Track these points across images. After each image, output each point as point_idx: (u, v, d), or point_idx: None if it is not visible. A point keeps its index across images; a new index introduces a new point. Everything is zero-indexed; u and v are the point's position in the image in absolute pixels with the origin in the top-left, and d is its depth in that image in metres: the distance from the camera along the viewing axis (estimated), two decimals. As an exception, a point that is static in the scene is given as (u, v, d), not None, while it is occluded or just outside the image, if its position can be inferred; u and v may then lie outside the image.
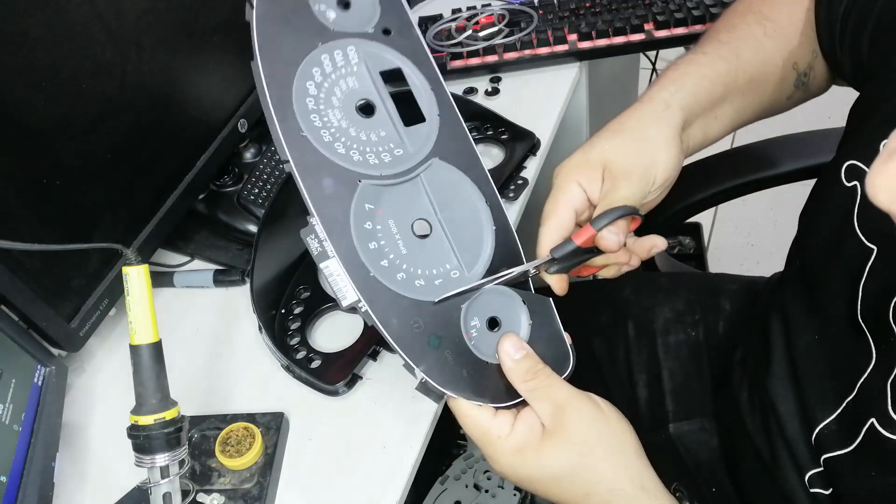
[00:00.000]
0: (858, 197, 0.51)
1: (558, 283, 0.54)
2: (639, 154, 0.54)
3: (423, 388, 0.47)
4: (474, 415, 0.47)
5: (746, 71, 0.59)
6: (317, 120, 0.47)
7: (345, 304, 0.46)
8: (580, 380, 0.49)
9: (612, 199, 0.52)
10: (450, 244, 0.50)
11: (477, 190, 0.52)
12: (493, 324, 0.50)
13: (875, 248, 0.49)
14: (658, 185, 0.55)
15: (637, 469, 0.47)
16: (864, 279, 0.50)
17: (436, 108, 0.52)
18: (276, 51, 0.47)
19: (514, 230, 0.54)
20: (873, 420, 0.48)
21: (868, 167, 0.48)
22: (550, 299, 0.53)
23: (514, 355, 0.48)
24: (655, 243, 0.57)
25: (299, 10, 0.48)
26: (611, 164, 0.54)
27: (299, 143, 0.46)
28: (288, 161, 0.46)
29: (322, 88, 0.48)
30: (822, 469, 0.54)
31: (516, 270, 0.51)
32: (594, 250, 0.52)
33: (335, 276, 0.46)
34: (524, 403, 0.48)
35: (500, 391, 0.48)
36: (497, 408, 0.48)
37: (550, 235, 0.53)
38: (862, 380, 0.50)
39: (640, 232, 0.57)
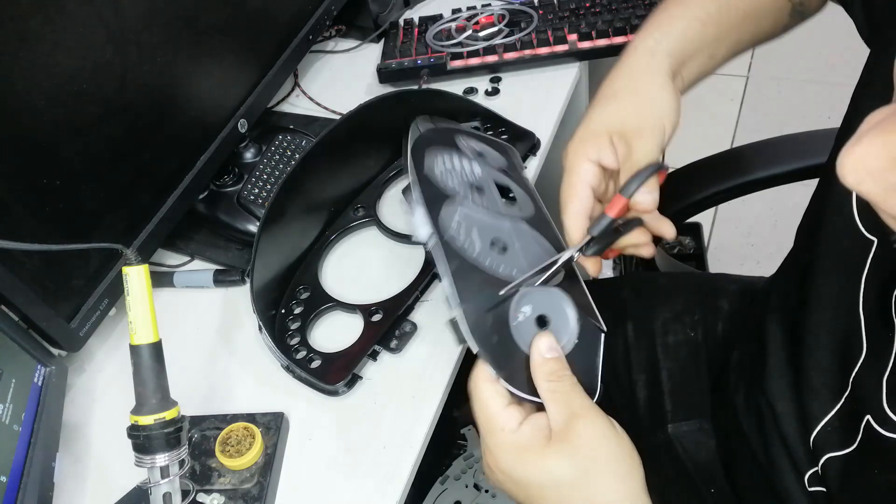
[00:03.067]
0: (843, 181, 0.50)
1: (594, 265, 0.54)
2: (640, 110, 0.54)
3: (453, 325, 0.48)
4: (487, 396, 0.46)
5: (739, 8, 0.59)
6: None
7: (419, 232, 0.52)
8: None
9: (634, 161, 0.52)
10: (526, 263, 0.54)
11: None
12: (541, 322, 0.50)
13: (875, 239, 0.49)
14: (670, 134, 0.54)
15: (637, 499, 0.45)
16: (865, 271, 0.49)
17: None
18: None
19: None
20: (869, 417, 0.47)
21: None
22: (603, 334, 0.52)
23: (546, 353, 0.47)
24: (664, 231, 0.57)
25: None
26: (617, 129, 0.53)
27: None
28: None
29: None
30: (821, 469, 0.54)
31: (562, 258, 0.52)
32: (624, 227, 0.52)
33: (418, 214, 0.54)
34: (538, 407, 0.47)
35: (522, 380, 0.48)
36: (512, 392, 0.47)
37: (576, 219, 0.52)
38: (853, 374, 0.50)
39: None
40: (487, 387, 0.46)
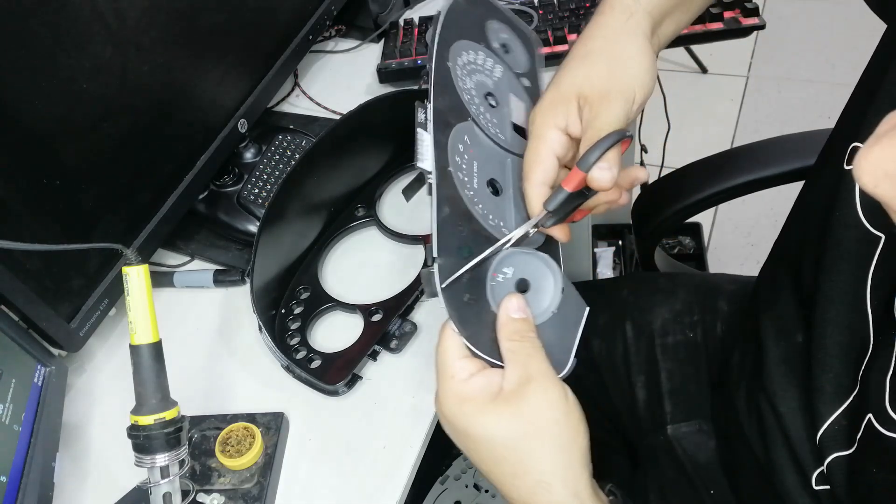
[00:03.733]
0: (858, 183, 0.49)
1: (561, 232, 0.52)
2: (612, 73, 0.51)
3: (427, 276, 0.47)
4: (448, 344, 0.46)
5: None
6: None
7: (420, 164, 0.50)
8: (578, 381, 0.49)
9: (595, 128, 0.49)
10: (514, 212, 0.53)
11: None
12: (522, 286, 0.50)
13: (882, 236, 0.48)
14: (640, 101, 0.52)
15: (576, 473, 0.45)
16: (872, 268, 0.48)
17: None
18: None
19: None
20: (870, 416, 0.47)
21: None
22: (588, 309, 0.51)
23: (513, 313, 0.47)
24: (636, 175, 0.54)
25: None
26: (585, 92, 0.51)
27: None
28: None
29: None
30: (827, 469, 0.53)
31: (516, 233, 0.50)
32: (585, 192, 0.50)
33: (425, 143, 0.51)
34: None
35: (486, 341, 0.47)
36: (473, 352, 0.46)
37: (537, 189, 0.51)
38: (860, 373, 0.49)
39: (643, 222, 0.56)
40: (452, 335, 0.46)
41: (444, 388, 0.46)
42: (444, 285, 0.46)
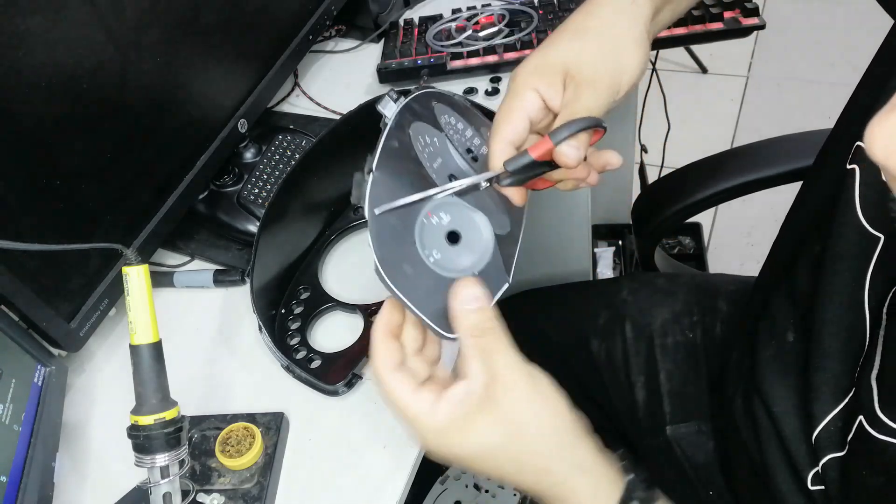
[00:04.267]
0: (857, 181, 0.49)
1: (516, 195, 0.51)
2: (604, 58, 0.50)
3: (358, 181, 0.47)
4: (393, 386, 0.44)
5: None
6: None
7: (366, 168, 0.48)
8: (578, 382, 0.49)
9: (573, 110, 0.48)
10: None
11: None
12: (453, 238, 0.49)
13: (882, 236, 0.47)
14: (624, 94, 0.50)
15: (571, 449, 0.45)
16: (870, 269, 0.48)
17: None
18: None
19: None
20: (861, 418, 0.47)
21: None
22: (508, 284, 0.50)
23: (467, 305, 0.45)
24: (609, 160, 0.53)
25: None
26: (573, 70, 0.50)
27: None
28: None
29: None
30: (822, 469, 0.54)
31: (467, 182, 0.49)
32: (552, 163, 0.48)
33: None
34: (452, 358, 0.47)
35: (416, 289, 0.46)
36: (435, 331, 0.46)
37: (502, 146, 0.49)
38: (856, 374, 0.49)
39: (643, 222, 0.55)
40: (390, 375, 0.45)
41: (418, 428, 0.45)
42: (379, 211, 0.45)
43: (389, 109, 0.52)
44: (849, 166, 0.50)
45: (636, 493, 0.47)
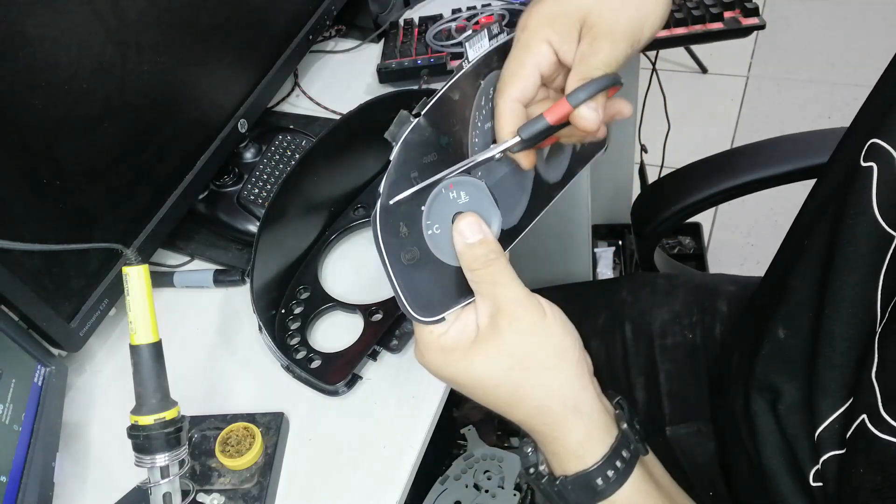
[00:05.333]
0: (875, 179, 0.48)
1: (526, 159, 0.48)
2: (626, 6, 0.45)
3: (404, 119, 0.44)
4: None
5: None
6: None
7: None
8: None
9: (591, 65, 0.44)
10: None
11: None
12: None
13: None
14: (645, 42, 0.46)
15: (571, 389, 0.44)
16: (884, 268, 0.47)
17: None
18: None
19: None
20: (864, 417, 0.46)
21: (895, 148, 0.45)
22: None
23: (469, 238, 0.44)
24: (620, 110, 0.50)
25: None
26: (591, 19, 0.45)
27: None
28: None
29: None
30: (822, 466, 0.53)
31: (482, 156, 0.46)
32: (566, 124, 0.45)
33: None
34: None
35: (453, 293, 0.46)
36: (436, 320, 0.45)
37: (511, 105, 0.46)
38: (862, 372, 0.49)
39: (643, 222, 0.54)
40: None
41: (424, 342, 0.45)
42: (397, 198, 0.43)
43: (476, 49, 0.47)
44: (864, 164, 0.49)
45: (627, 444, 0.46)
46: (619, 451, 0.45)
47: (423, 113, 0.44)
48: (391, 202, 0.43)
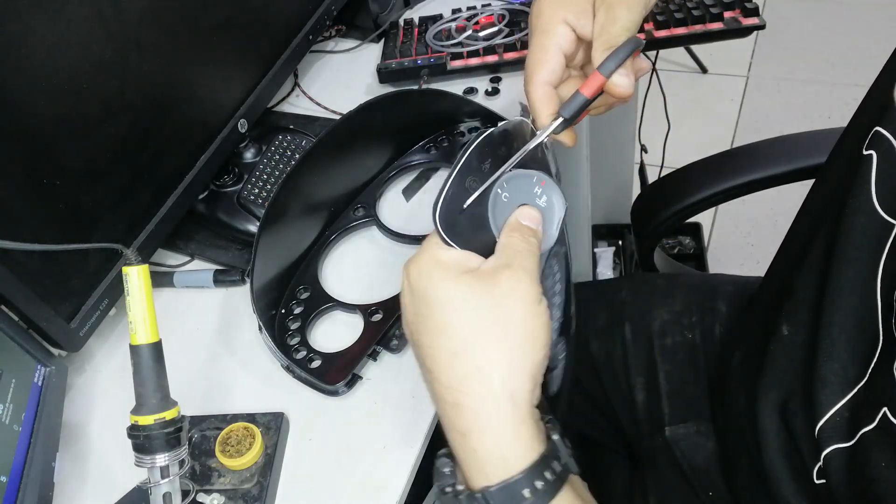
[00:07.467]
0: (874, 167, 0.48)
1: (569, 137, 0.49)
2: None
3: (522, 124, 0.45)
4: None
5: None
6: None
7: None
8: (577, 382, 0.48)
9: (613, 33, 0.46)
10: None
11: None
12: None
13: None
14: (655, 1, 0.48)
15: (521, 381, 0.42)
16: (884, 257, 0.47)
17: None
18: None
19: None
20: (885, 409, 0.45)
21: None
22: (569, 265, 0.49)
23: (523, 220, 0.44)
24: (641, 66, 0.50)
25: None
26: None
27: None
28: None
29: None
30: (823, 461, 0.53)
31: (531, 145, 0.46)
32: (599, 95, 0.47)
33: None
34: None
35: (473, 245, 0.45)
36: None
37: (542, 90, 0.47)
38: (873, 364, 0.48)
39: (643, 222, 0.54)
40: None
41: (425, 250, 0.44)
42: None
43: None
44: (865, 152, 0.49)
45: (557, 456, 0.43)
46: (548, 462, 0.41)
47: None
48: (496, 133, 0.44)
